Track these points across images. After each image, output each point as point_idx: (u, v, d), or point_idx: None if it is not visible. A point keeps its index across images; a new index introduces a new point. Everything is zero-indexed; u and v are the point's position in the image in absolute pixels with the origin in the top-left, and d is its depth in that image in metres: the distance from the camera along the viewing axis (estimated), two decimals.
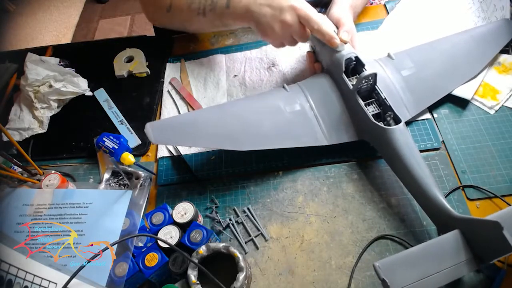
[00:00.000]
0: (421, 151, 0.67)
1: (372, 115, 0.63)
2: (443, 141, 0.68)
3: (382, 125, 0.61)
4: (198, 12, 0.76)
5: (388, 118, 0.63)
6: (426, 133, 0.69)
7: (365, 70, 0.65)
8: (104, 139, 0.70)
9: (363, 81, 0.63)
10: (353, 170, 0.67)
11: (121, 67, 0.88)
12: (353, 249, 0.59)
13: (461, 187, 0.62)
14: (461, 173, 0.64)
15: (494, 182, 0.62)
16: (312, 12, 0.66)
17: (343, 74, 0.66)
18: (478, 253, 0.48)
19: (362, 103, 0.64)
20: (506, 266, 0.54)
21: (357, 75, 0.67)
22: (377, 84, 0.65)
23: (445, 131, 0.68)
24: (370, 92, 0.66)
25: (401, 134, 0.59)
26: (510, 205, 0.59)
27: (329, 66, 0.71)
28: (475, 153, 0.65)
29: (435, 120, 0.70)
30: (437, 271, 0.46)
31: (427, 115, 0.71)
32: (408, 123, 0.70)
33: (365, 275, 0.57)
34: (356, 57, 0.67)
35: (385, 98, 0.63)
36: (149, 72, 0.88)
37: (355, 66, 0.68)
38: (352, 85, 0.65)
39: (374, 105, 0.65)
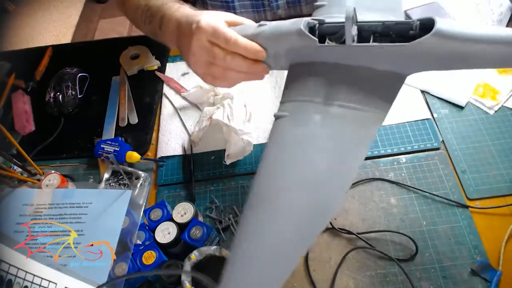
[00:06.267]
0: (421, 151, 0.67)
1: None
2: (443, 141, 0.68)
3: (417, 40, 0.42)
4: (143, 20, 0.67)
5: (412, 32, 0.45)
6: (426, 133, 0.69)
7: (336, 17, 0.47)
8: (102, 146, 0.71)
9: (352, 25, 0.44)
10: None
11: (130, 65, 0.88)
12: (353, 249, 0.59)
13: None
14: (461, 173, 0.64)
15: (494, 182, 0.62)
16: (221, 26, 0.50)
17: (319, 44, 0.47)
18: None
19: (374, 43, 0.45)
20: (501, 267, 0.54)
21: (336, 32, 0.48)
22: (358, 18, 0.46)
23: (445, 131, 0.68)
24: (363, 34, 0.48)
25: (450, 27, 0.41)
26: (510, 205, 0.59)
27: (296, 57, 0.50)
28: (475, 153, 0.65)
29: (435, 120, 0.70)
30: None
31: (427, 115, 0.71)
32: (407, 123, 0.70)
33: (365, 275, 0.57)
34: (313, 18, 0.48)
35: (384, 23, 0.46)
36: (160, 64, 0.88)
37: (320, 25, 0.49)
38: (341, 43, 0.46)
39: (382, 37, 0.47)
